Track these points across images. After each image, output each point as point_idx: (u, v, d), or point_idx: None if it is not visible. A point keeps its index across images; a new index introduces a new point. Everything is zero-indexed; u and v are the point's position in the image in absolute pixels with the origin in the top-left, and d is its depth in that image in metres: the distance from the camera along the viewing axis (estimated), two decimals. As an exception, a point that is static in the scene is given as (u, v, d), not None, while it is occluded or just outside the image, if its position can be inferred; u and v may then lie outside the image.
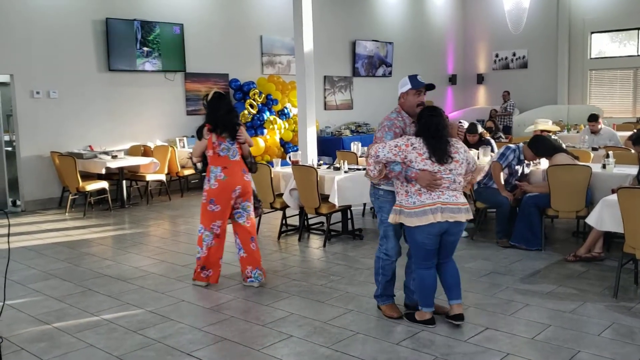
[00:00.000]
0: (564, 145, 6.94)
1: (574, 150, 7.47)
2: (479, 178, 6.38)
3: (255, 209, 5.59)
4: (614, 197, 4.80)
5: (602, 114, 13.86)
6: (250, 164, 5.42)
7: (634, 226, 4.65)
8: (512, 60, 17.49)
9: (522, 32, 14.48)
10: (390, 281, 4.54)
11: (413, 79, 4.30)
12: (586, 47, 16.42)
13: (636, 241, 4.67)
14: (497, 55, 17.80)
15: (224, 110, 5.19)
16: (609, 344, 3.93)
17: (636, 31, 15.74)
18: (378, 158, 4.10)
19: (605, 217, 4.98)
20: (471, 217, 4.18)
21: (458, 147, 4.16)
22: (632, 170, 6.20)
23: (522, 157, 6.55)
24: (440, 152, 4.04)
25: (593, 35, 16.38)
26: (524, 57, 17.25)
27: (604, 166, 6.46)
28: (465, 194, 4.44)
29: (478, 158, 6.74)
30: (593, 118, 9.52)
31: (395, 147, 4.06)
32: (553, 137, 8.43)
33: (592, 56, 16.48)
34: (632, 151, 6.83)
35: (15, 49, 9.26)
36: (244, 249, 5.36)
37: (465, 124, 7.81)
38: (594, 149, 8.47)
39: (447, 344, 4.00)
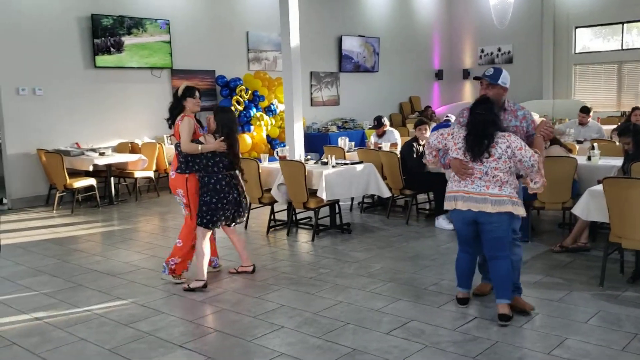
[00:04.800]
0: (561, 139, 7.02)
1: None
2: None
3: (239, 215, 5.42)
4: (600, 187, 4.87)
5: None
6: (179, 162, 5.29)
7: (619, 215, 4.72)
8: (497, 56, 17.59)
9: (507, 28, 14.57)
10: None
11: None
12: (571, 42, 16.55)
13: (622, 230, 4.74)
14: (482, 51, 17.88)
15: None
16: (596, 331, 3.99)
17: (620, 25, 15.90)
18: (430, 145, 4.38)
19: (591, 207, 5.05)
20: (506, 209, 4.01)
21: (499, 141, 4.00)
22: (617, 162, 6.30)
23: None
24: (476, 149, 4.05)
25: (577, 30, 16.52)
26: (509, 52, 17.36)
27: (589, 158, 6.55)
28: None
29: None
30: (585, 110, 9.54)
31: (440, 135, 4.32)
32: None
33: (577, 51, 16.62)
34: (617, 143, 6.92)
35: (-1, 45, 9.21)
36: None
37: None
38: (579, 142, 8.55)
39: (437, 332, 4.04)
